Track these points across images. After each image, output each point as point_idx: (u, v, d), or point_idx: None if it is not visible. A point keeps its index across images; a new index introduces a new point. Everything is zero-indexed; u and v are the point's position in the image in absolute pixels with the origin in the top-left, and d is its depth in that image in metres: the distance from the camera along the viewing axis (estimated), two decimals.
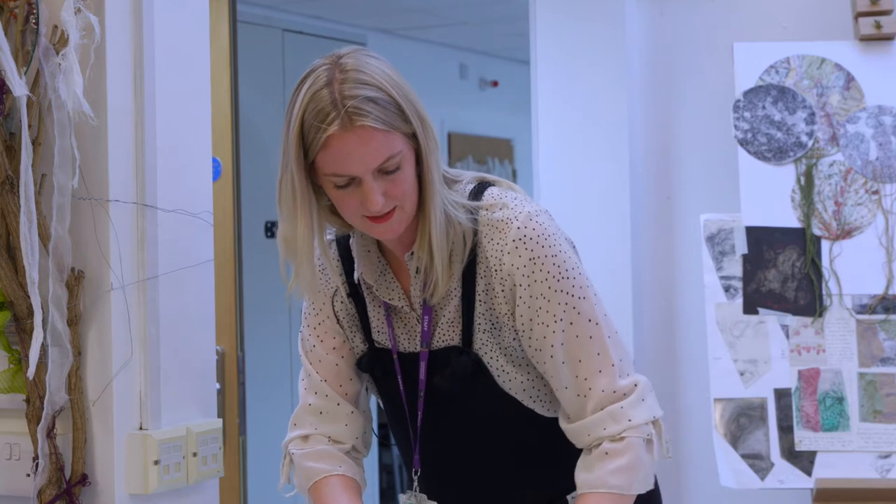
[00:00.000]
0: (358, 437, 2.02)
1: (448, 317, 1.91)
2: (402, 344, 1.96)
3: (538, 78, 3.57)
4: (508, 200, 1.88)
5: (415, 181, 1.83)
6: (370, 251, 1.95)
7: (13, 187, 2.05)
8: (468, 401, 1.93)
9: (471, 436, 1.96)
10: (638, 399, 1.88)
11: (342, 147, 1.76)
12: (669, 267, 3.40)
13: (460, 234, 1.87)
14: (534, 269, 1.84)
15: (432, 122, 1.85)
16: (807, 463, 2.72)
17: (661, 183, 3.43)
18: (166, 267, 2.16)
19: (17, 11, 2.07)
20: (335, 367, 2.00)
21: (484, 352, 1.90)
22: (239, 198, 3.96)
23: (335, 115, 1.75)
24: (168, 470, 2.14)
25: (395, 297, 1.94)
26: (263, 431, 4.54)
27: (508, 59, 6.90)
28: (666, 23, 3.41)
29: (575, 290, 1.86)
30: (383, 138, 1.76)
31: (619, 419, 1.86)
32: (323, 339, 2.00)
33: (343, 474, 1.97)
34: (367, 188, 1.78)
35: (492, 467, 1.97)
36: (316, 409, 2.00)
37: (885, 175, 2.85)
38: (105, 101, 2.10)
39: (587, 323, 1.87)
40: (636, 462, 1.86)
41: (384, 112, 1.76)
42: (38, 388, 2.07)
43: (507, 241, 1.85)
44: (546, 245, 1.85)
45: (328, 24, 5.45)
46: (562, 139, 3.54)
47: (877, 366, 2.76)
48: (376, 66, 1.79)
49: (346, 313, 2.00)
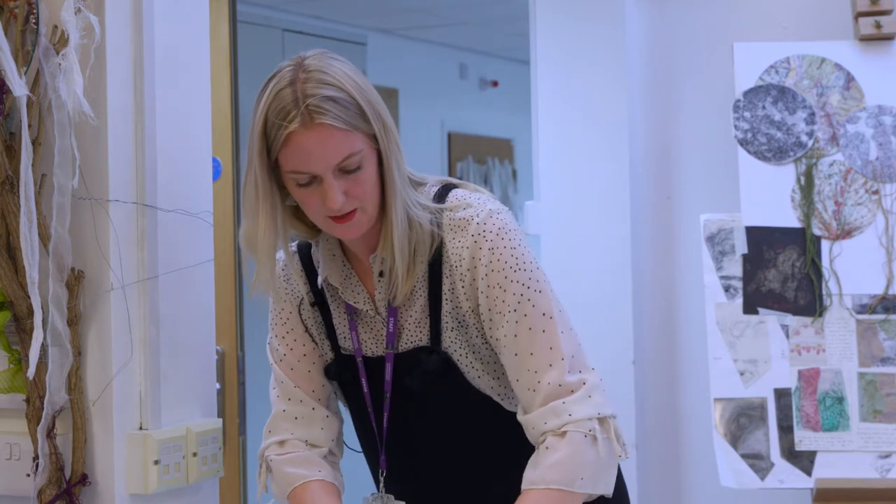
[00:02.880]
0: (333, 440, 2.05)
1: (415, 317, 1.93)
2: (368, 348, 1.99)
3: (538, 78, 3.57)
4: (472, 200, 1.92)
5: (377, 182, 1.87)
6: (335, 255, 1.98)
7: (13, 187, 2.05)
8: (439, 399, 1.95)
9: (441, 433, 1.98)
10: (584, 396, 1.87)
11: (302, 144, 1.80)
12: (669, 267, 3.40)
13: (425, 235, 1.90)
14: (492, 258, 1.88)
15: (394, 126, 1.89)
16: (807, 463, 2.72)
17: (661, 183, 3.43)
18: (166, 267, 2.16)
19: (17, 11, 2.07)
20: (307, 373, 2.04)
21: (453, 350, 1.93)
22: (239, 198, 3.95)
23: (296, 112, 1.79)
24: (168, 470, 2.14)
25: (361, 300, 1.97)
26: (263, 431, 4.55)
27: (508, 59, 6.90)
28: (666, 23, 3.41)
29: (531, 283, 1.88)
30: (343, 137, 1.80)
31: (559, 414, 1.86)
32: (293, 348, 2.04)
33: (322, 479, 1.99)
34: (326, 186, 1.82)
35: (460, 464, 1.98)
36: (291, 414, 2.03)
37: (885, 175, 2.85)
38: (105, 100, 2.09)
39: (541, 316, 1.88)
40: (576, 457, 1.85)
41: (344, 111, 1.80)
42: (38, 388, 2.07)
43: (467, 237, 1.89)
44: (505, 238, 1.89)
45: (328, 24, 5.45)
46: (562, 139, 3.54)
47: (877, 366, 2.76)
48: (339, 67, 1.84)
49: (314, 321, 2.03)
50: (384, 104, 1.88)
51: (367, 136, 1.84)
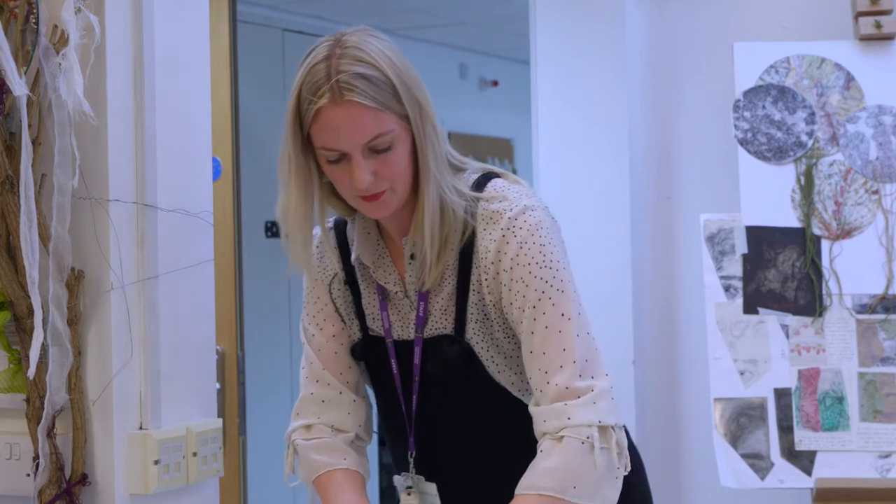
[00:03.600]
0: (360, 425, 2.03)
1: (441, 304, 1.92)
2: (396, 331, 1.97)
3: (538, 78, 3.57)
4: (509, 193, 1.90)
5: (409, 164, 1.85)
6: (370, 233, 1.98)
7: (13, 187, 2.05)
8: (460, 387, 1.94)
9: (463, 420, 1.97)
10: (588, 401, 1.81)
11: (331, 121, 1.79)
12: (669, 267, 3.40)
13: (457, 222, 1.88)
14: (518, 252, 1.85)
15: (431, 109, 1.87)
16: (807, 463, 2.72)
17: (661, 183, 3.43)
18: (166, 267, 2.16)
19: (17, 11, 2.07)
20: (334, 354, 2.02)
21: (476, 341, 1.92)
22: (239, 197, 3.96)
23: (326, 88, 1.78)
24: (168, 470, 2.14)
25: (391, 281, 1.96)
26: (263, 431, 4.54)
27: (508, 58, 6.90)
28: (666, 23, 3.41)
29: (554, 282, 1.85)
30: (372, 116, 1.79)
31: (559, 416, 1.81)
32: (322, 328, 2.03)
33: (347, 468, 1.98)
34: (354, 165, 1.81)
35: (483, 451, 1.97)
36: (318, 398, 2.02)
37: (884, 175, 2.85)
38: (105, 100, 2.09)
39: (559, 316, 1.85)
40: (571, 464, 1.79)
41: (376, 90, 1.79)
42: (39, 388, 2.07)
43: (497, 230, 1.87)
44: (535, 234, 1.86)
45: (328, 23, 5.44)
46: (562, 139, 3.54)
47: (877, 365, 2.76)
48: (377, 46, 1.83)
49: (344, 300, 2.02)
50: (423, 87, 1.86)
51: (399, 118, 1.82)
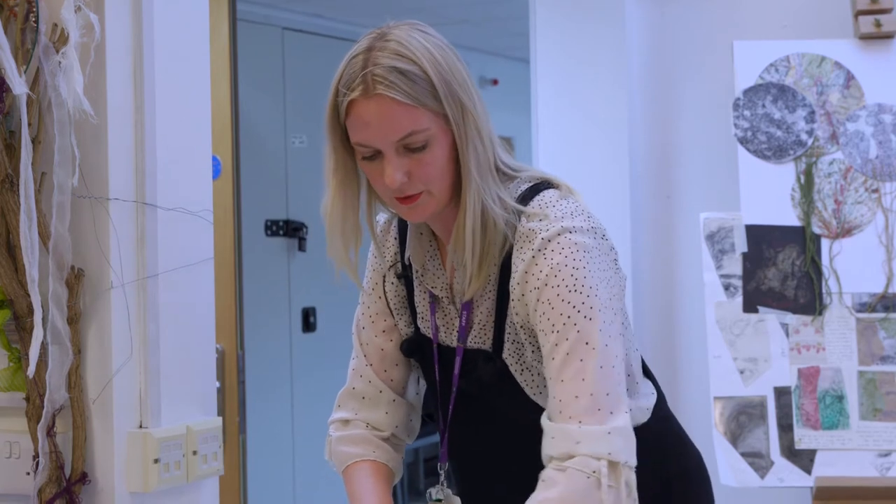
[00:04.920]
0: (398, 426, 1.99)
1: (481, 319, 1.85)
2: (442, 336, 1.92)
3: (538, 77, 3.57)
4: (551, 211, 1.79)
5: (447, 166, 1.76)
6: (422, 234, 1.91)
7: (13, 185, 2.05)
8: (494, 405, 1.88)
9: (494, 438, 1.91)
10: (602, 431, 1.68)
11: (362, 114, 1.73)
12: (669, 265, 3.40)
13: (499, 235, 1.79)
14: (549, 273, 1.74)
15: (477, 111, 1.78)
16: (807, 461, 2.72)
17: (661, 181, 3.43)
18: (166, 265, 2.16)
19: (16, 9, 2.07)
20: (381, 351, 1.98)
21: (511, 361, 1.84)
22: (239, 196, 3.96)
23: (359, 80, 1.72)
24: (168, 468, 2.14)
25: (439, 285, 1.90)
26: (263, 430, 4.55)
27: (508, 57, 6.90)
28: (666, 22, 3.41)
29: (583, 308, 1.72)
30: (405, 112, 1.72)
31: (569, 437, 1.69)
32: (374, 321, 1.99)
33: (375, 460, 1.95)
34: (385, 162, 1.74)
35: (514, 470, 1.88)
36: (359, 393, 1.99)
37: (884, 173, 2.85)
38: (105, 99, 2.09)
39: (583, 345, 1.71)
40: (575, 498, 1.66)
41: (411, 86, 1.72)
42: (38, 387, 2.07)
43: (528, 251, 1.77)
44: (570, 257, 1.74)
45: (328, 22, 5.44)
46: (562, 138, 3.54)
47: (877, 364, 2.76)
48: (421, 41, 1.76)
49: (396, 294, 1.97)
50: (469, 87, 1.78)
51: (438, 116, 1.74)
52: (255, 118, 4.79)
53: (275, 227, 4.90)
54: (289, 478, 4.91)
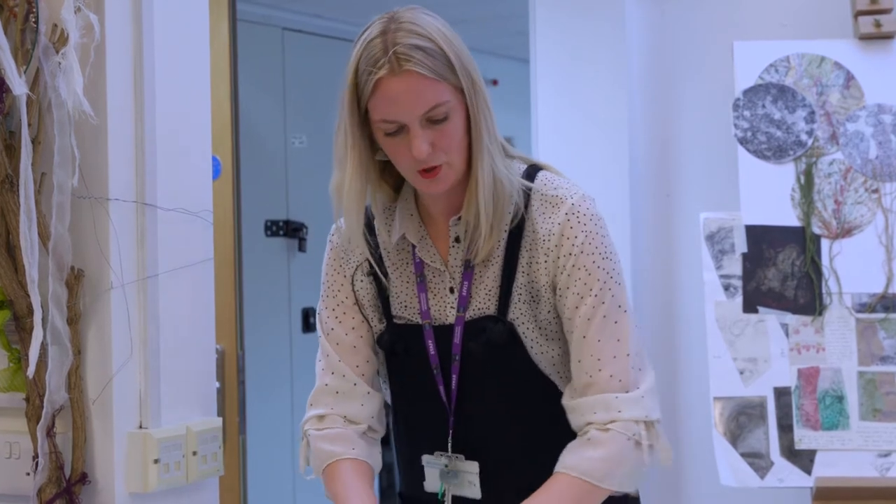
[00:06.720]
0: (373, 417, 2.05)
1: (487, 285, 1.96)
2: (434, 314, 1.99)
3: (538, 76, 3.57)
4: (563, 183, 1.99)
5: (464, 137, 1.90)
6: (412, 215, 2.01)
7: (13, 186, 2.05)
8: (501, 367, 1.96)
9: (502, 399, 1.98)
10: (637, 396, 1.92)
11: (390, 91, 1.84)
12: (669, 265, 3.40)
13: (509, 200, 1.93)
14: (584, 240, 1.92)
15: (483, 84, 1.94)
16: (806, 461, 2.72)
17: (661, 181, 3.43)
18: (166, 266, 2.16)
19: (16, 10, 2.07)
20: (353, 348, 2.04)
21: (519, 322, 1.95)
22: (239, 196, 3.96)
23: (384, 59, 1.84)
24: (168, 468, 2.14)
25: (437, 261, 1.99)
26: (263, 430, 4.55)
27: (508, 57, 6.89)
28: (666, 22, 3.41)
29: (614, 275, 1.94)
30: (430, 85, 1.84)
31: (609, 408, 1.89)
32: (342, 321, 2.05)
33: (355, 458, 2.00)
34: (412, 135, 1.85)
35: (519, 431, 1.99)
36: (332, 389, 2.04)
37: (884, 174, 2.85)
38: (105, 99, 2.10)
39: (617, 308, 1.93)
40: (617, 457, 1.89)
41: (432, 61, 1.85)
42: (38, 387, 2.07)
43: (559, 214, 1.93)
44: (598, 225, 1.95)
45: (328, 22, 5.44)
46: (561, 138, 3.54)
47: (876, 364, 2.76)
48: (431, 21, 1.91)
49: (366, 291, 2.04)
50: (474, 63, 1.92)
51: (454, 89, 1.88)
52: (255, 118, 4.78)
53: (275, 228, 4.90)
54: (289, 478, 4.91)
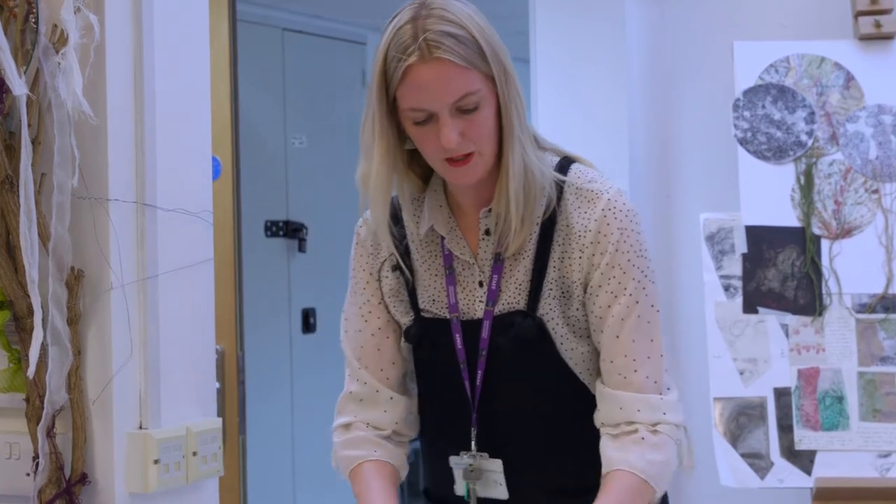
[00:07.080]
0: (398, 422, 2.02)
1: (517, 279, 1.92)
2: (463, 308, 1.96)
3: (538, 76, 3.57)
4: (597, 176, 1.95)
5: (494, 127, 1.85)
6: (441, 206, 1.97)
7: (13, 186, 2.05)
8: (529, 362, 1.94)
9: (529, 396, 1.96)
10: (675, 400, 1.92)
11: (420, 78, 1.79)
12: (669, 265, 3.40)
13: (541, 192, 1.90)
14: (621, 238, 1.89)
15: (514, 73, 1.88)
16: (806, 462, 2.72)
17: (661, 182, 3.43)
18: (166, 266, 2.16)
19: (16, 10, 2.07)
20: (377, 350, 2.01)
21: (548, 318, 1.92)
22: (239, 197, 3.96)
23: (414, 46, 1.79)
24: (168, 469, 2.14)
25: (467, 253, 1.95)
26: (263, 431, 4.55)
27: None
28: (666, 22, 3.41)
29: (649, 273, 1.93)
30: (461, 73, 1.80)
31: (654, 409, 1.89)
32: (368, 320, 2.01)
33: (378, 459, 1.98)
34: (442, 124, 1.80)
35: (545, 428, 1.97)
36: (356, 396, 2.02)
37: (884, 174, 2.85)
38: (105, 100, 2.10)
39: (650, 308, 1.92)
40: (672, 462, 1.90)
41: (463, 48, 1.80)
42: (38, 388, 2.07)
43: (595, 210, 1.90)
44: (634, 222, 1.92)
45: (328, 23, 5.44)
46: (561, 138, 3.50)
47: (876, 365, 2.76)
48: (462, 8, 1.86)
49: (390, 287, 2.00)
50: (506, 51, 1.87)
51: (486, 78, 1.83)
52: (255, 118, 4.78)
53: (275, 228, 4.90)
54: (289, 478, 4.91)
